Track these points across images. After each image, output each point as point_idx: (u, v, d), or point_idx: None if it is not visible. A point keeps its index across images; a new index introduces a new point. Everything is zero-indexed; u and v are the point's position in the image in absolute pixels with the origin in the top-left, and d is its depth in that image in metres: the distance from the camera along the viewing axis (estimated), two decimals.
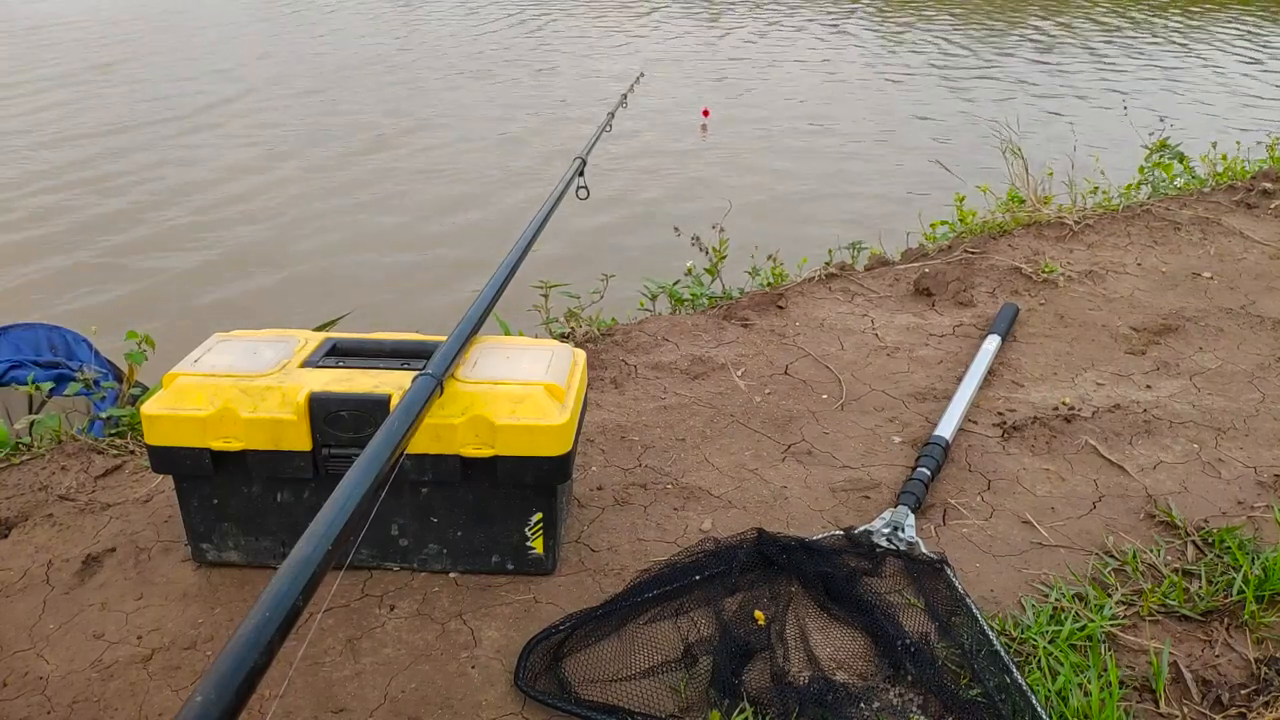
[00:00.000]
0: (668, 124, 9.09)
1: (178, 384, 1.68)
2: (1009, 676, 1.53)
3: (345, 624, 1.67)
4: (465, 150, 8.37)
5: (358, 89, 10.52)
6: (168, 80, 10.90)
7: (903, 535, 1.87)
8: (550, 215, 2.14)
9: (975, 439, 2.29)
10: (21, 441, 2.26)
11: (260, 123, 9.12)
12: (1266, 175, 4.23)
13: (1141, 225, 3.68)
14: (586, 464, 2.16)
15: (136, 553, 1.85)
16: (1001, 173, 4.14)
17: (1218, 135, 5.41)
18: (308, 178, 7.57)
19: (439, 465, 1.66)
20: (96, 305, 5.20)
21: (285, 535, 1.76)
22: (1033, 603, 1.75)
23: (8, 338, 3.22)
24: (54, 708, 1.51)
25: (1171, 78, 11.23)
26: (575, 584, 1.78)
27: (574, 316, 2.94)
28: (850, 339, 2.80)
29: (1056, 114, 9.33)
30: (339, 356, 1.77)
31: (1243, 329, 2.90)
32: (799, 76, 11.42)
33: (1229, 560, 1.85)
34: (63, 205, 6.90)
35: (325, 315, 3.24)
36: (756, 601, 1.70)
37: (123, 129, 8.84)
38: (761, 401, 2.46)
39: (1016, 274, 3.23)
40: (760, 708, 1.49)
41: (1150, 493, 2.09)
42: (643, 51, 12.74)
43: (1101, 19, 15.37)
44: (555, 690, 1.52)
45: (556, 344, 1.87)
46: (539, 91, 10.54)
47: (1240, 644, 1.67)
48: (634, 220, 6.58)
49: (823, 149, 8.50)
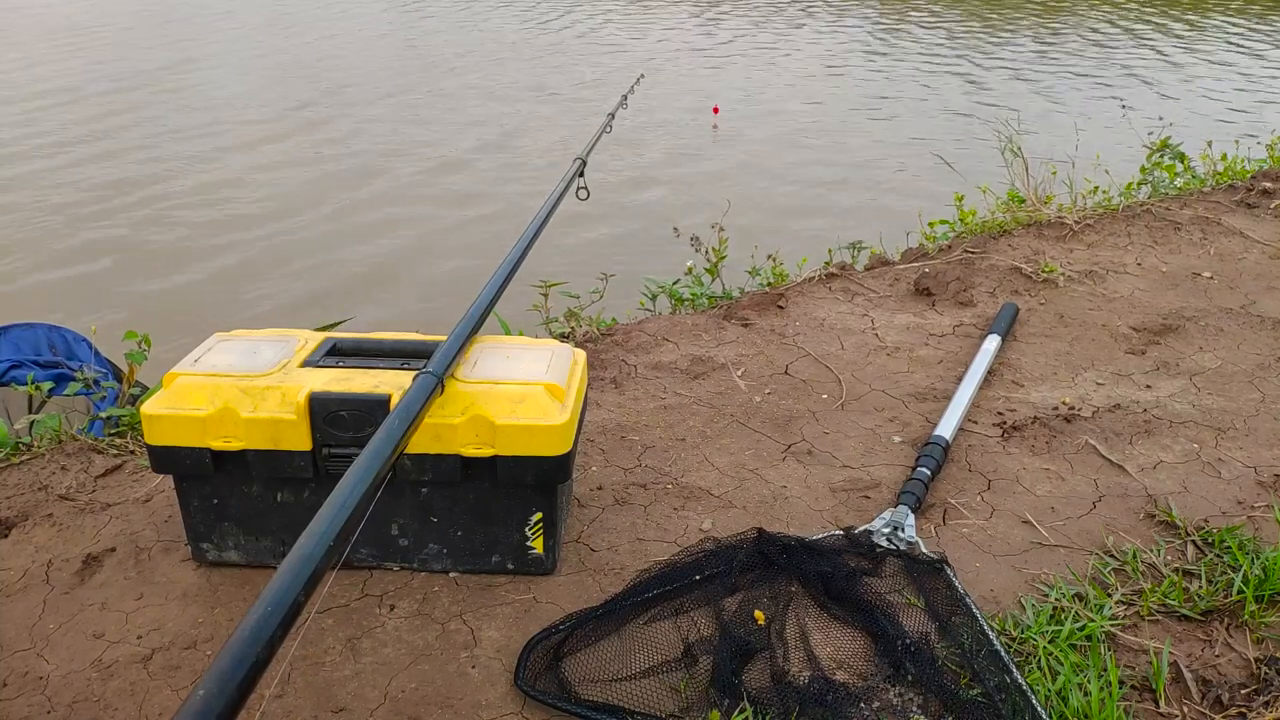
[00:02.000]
0: (668, 124, 9.10)
1: (178, 384, 1.68)
2: (1009, 676, 1.53)
3: (345, 624, 1.67)
4: (466, 148, 8.38)
5: (361, 87, 10.53)
6: (168, 78, 10.90)
7: (903, 535, 1.87)
8: (550, 215, 2.15)
9: (975, 439, 2.29)
10: (21, 441, 2.26)
11: (261, 122, 9.12)
12: (1266, 175, 4.23)
13: (1141, 225, 3.68)
14: (586, 464, 2.15)
15: (136, 552, 1.85)
16: (1001, 173, 4.14)
17: (1217, 135, 5.41)
18: (308, 177, 7.57)
19: (439, 465, 1.66)
20: (97, 305, 5.20)
21: (285, 535, 1.76)
22: (1033, 602, 1.74)
23: (8, 338, 3.22)
24: (54, 707, 1.51)
25: (1173, 77, 11.23)
26: (575, 584, 1.78)
27: (574, 316, 2.94)
28: (850, 339, 2.80)
29: (1057, 114, 9.33)
30: (339, 356, 1.77)
31: (1243, 329, 2.90)
32: (799, 76, 11.43)
33: (1229, 560, 1.85)
34: (62, 205, 6.90)
35: (326, 315, 3.24)
36: (756, 601, 1.70)
37: (123, 127, 8.84)
38: (761, 401, 2.46)
39: (1016, 274, 3.23)
40: (760, 707, 1.49)
41: (1150, 492, 2.09)
42: (642, 51, 12.75)
43: (1102, 18, 15.37)
44: (555, 690, 1.52)
45: (557, 344, 1.87)
46: (544, 86, 10.55)
47: (1240, 644, 1.67)
48: (634, 220, 6.59)
49: (823, 149, 8.51)
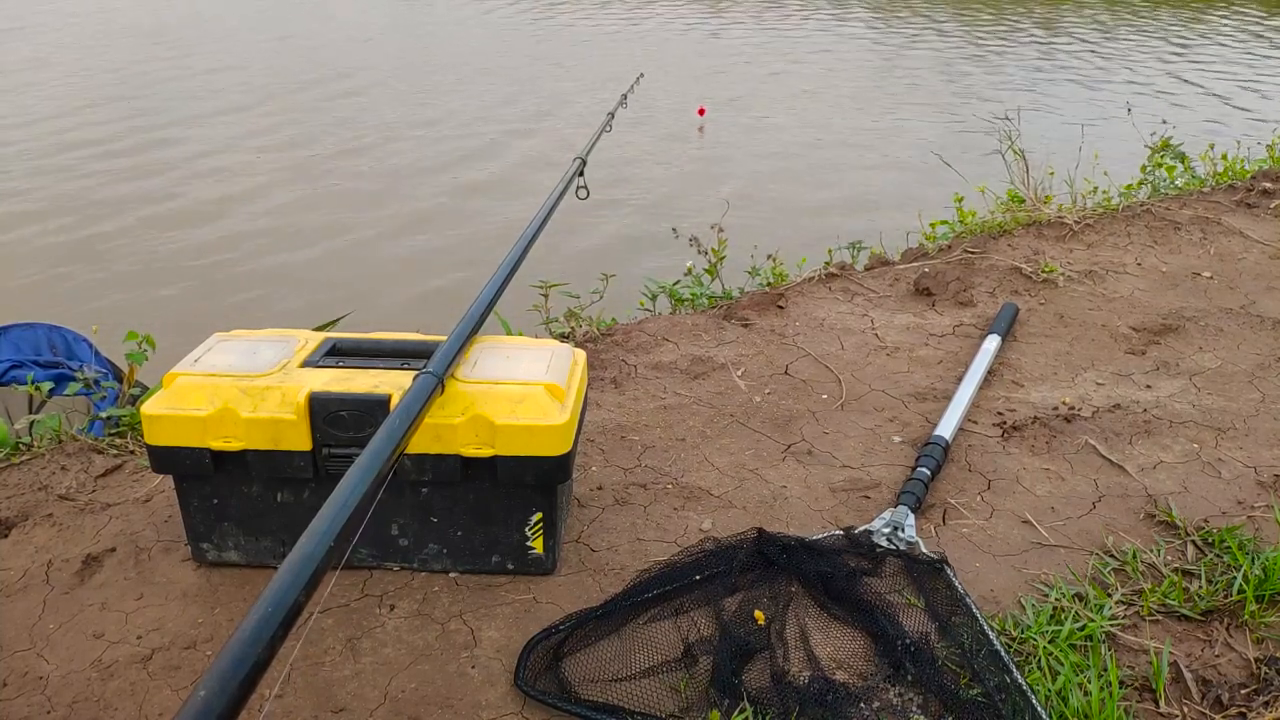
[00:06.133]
0: (669, 123, 9.09)
1: (178, 384, 1.68)
2: (1009, 676, 1.53)
3: (345, 624, 1.67)
4: (467, 147, 8.37)
5: (362, 87, 10.53)
6: (167, 76, 10.90)
7: (903, 535, 1.87)
8: (550, 215, 2.14)
9: (975, 439, 2.29)
10: (21, 441, 2.26)
11: (264, 120, 9.11)
12: (1266, 175, 4.23)
13: (1141, 225, 3.68)
14: (586, 464, 2.15)
15: (136, 553, 1.85)
16: (1002, 173, 4.14)
17: (1218, 135, 5.41)
18: (309, 176, 7.57)
19: (439, 465, 1.66)
20: (97, 305, 5.19)
21: (285, 535, 1.76)
22: (1033, 602, 1.74)
23: (8, 338, 3.22)
24: (54, 707, 1.51)
25: (1172, 76, 11.23)
26: (575, 584, 1.78)
27: (574, 316, 2.94)
28: (850, 339, 2.80)
29: (1057, 114, 9.33)
30: (339, 356, 1.77)
31: (1243, 329, 2.90)
32: (799, 75, 11.42)
33: (1229, 560, 1.85)
34: (62, 204, 6.90)
35: (326, 315, 3.24)
36: (756, 601, 1.70)
37: (120, 129, 8.84)
38: (761, 401, 2.46)
39: (1016, 274, 3.23)
40: (760, 707, 1.49)
41: (1150, 493, 2.09)
42: (642, 51, 12.74)
43: (1103, 17, 15.36)
44: (555, 690, 1.52)
45: (556, 344, 1.87)
46: (544, 89, 10.55)
47: (1240, 644, 1.67)
48: (634, 220, 6.58)
49: (822, 148, 8.51)
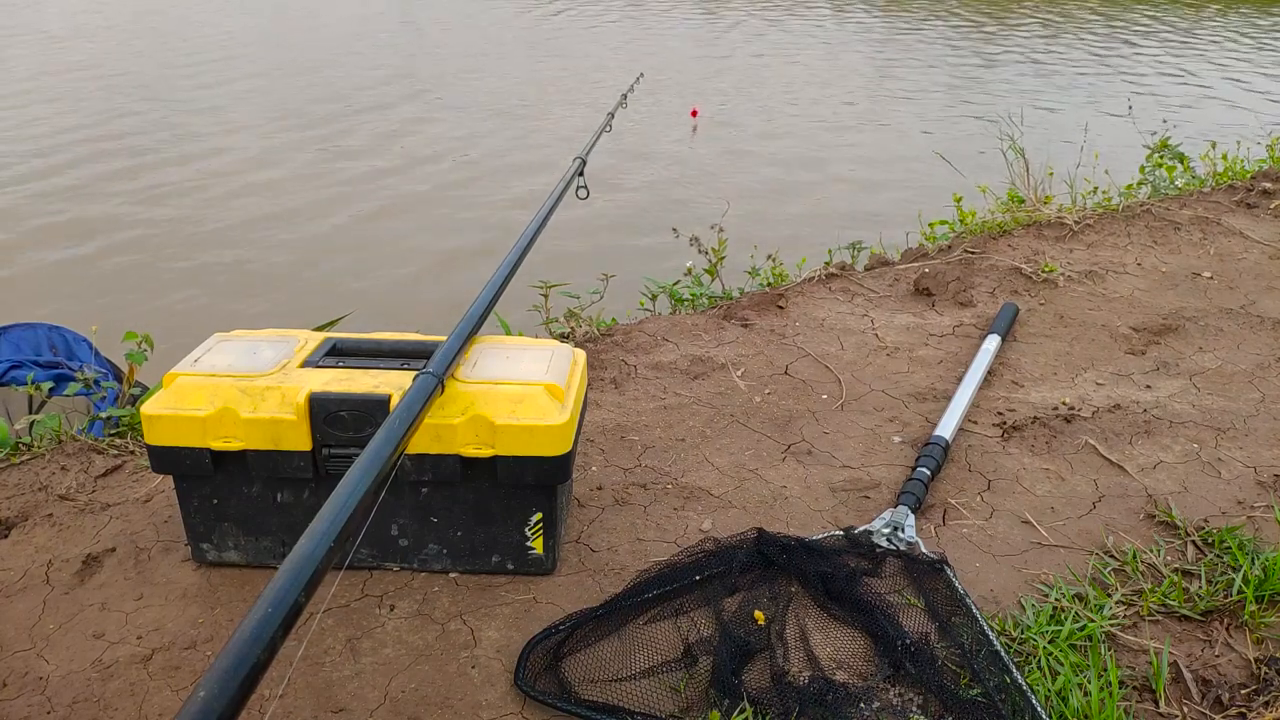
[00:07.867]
0: (669, 123, 9.10)
1: (178, 384, 1.68)
2: (1009, 676, 1.53)
3: (345, 624, 1.67)
4: (468, 147, 8.37)
5: (362, 84, 10.53)
6: (167, 76, 10.90)
7: (903, 535, 1.87)
8: (550, 215, 2.15)
9: (975, 439, 2.29)
10: (22, 441, 2.26)
11: (262, 120, 9.12)
12: (1266, 175, 4.24)
13: (1141, 225, 3.68)
14: (586, 464, 2.15)
15: (136, 553, 1.85)
16: (1002, 172, 4.14)
17: (1218, 135, 5.41)
18: (309, 176, 7.57)
19: (439, 465, 1.66)
20: (97, 305, 5.19)
21: (285, 535, 1.76)
22: (1033, 603, 1.75)
23: (8, 338, 3.22)
24: (54, 708, 1.51)
25: (1172, 76, 11.23)
26: (575, 584, 1.78)
27: (574, 316, 2.94)
28: (850, 339, 2.80)
29: (1057, 114, 9.33)
30: (339, 356, 1.77)
31: (1243, 329, 2.90)
32: (799, 75, 11.43)
33: (1229, 560, 1.85)
34: (61, 205, 6.90)
35: (325, 315, 3.23)
36: (756, 601, 1.70)
37: (120, 128, 8.84)
38: (761, 401, 2.46)
39: (1016, 274, 3.23)
40: (760, 708, 1.49)
41: (1150, 493, 2.09)
42: (642, 50, 12.75)
43: (1103, 16, 15.37)
44: (555, 690, 1.52)
45: (556, 344, 1.87)
46: (545, 88, 10.55)
47: (1240, 644, 1.67)
48: (634, 220, 6.58)
49: (822, 148, 8.51)
